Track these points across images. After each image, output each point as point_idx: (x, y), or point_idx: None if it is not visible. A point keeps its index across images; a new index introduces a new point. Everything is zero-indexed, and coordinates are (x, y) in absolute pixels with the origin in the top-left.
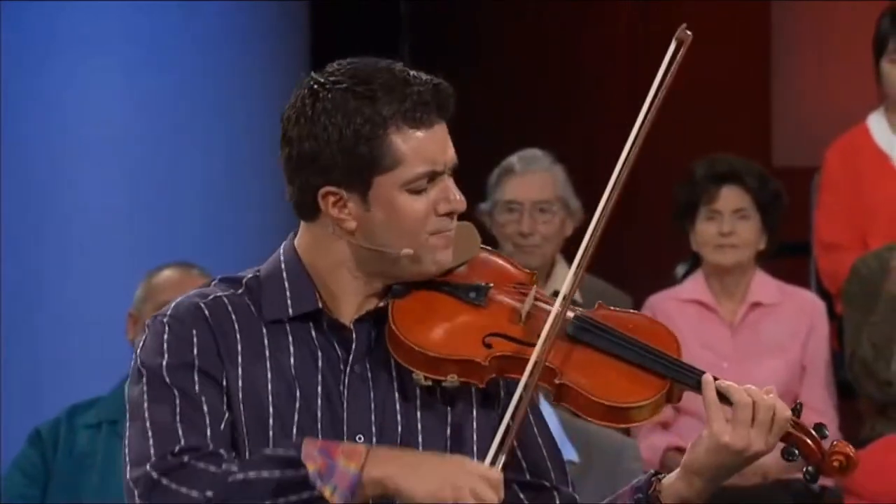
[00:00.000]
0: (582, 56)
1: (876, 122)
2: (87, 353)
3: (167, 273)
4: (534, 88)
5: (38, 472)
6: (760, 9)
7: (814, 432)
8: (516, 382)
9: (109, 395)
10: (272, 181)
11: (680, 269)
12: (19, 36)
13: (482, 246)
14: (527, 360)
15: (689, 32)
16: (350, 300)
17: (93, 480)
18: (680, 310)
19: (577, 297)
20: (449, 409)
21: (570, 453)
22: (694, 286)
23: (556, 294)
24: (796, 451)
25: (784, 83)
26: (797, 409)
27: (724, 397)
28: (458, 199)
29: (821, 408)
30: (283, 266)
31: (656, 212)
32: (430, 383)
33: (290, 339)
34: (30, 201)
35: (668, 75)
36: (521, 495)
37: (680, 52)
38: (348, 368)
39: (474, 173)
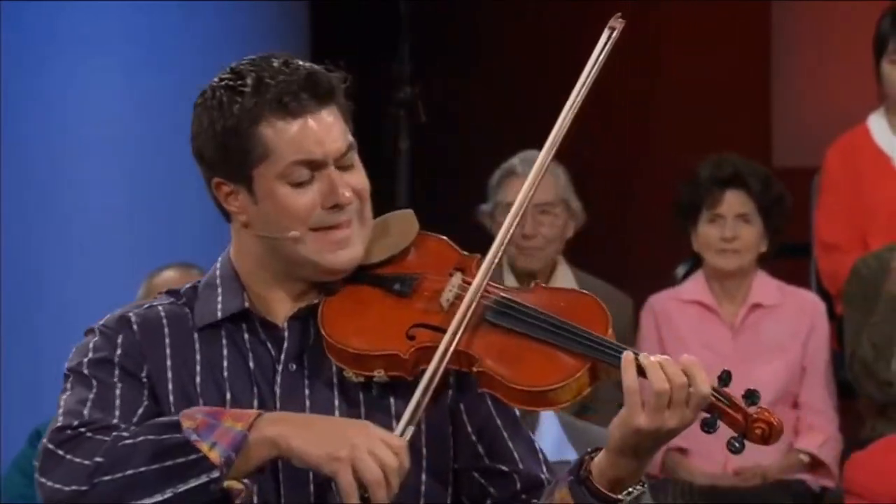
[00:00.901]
0: (582, 56)
1: (876, 123)
2: None
3: (167, 273)
4: (535, 88)
5: None
6: (760, 9)
7: (739, 401)
8: (460, 371)
9: None
10: None
11: (680, 270)
12: (19, 36)
13: (424, 232)
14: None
15: (622, 20)
16: (281, 299)
17: None
18: (681, 310)
19: None
20: (392, 401)
21: (570, 454)
22: (695, 287)
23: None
24: (718, 423)
25: (784, 83)
26: (724, 379)
27: (642, 374)
28: (345, 193)
29: (821, 408)
30: (217, 273)
31: (656, 212)
32: (361, 380)
33: (224, 342)
34: (30, 201)
35: (598, 63)
36: (482, 481)
37: (611, 40)
38: (281, 367)
39: (475, 174)
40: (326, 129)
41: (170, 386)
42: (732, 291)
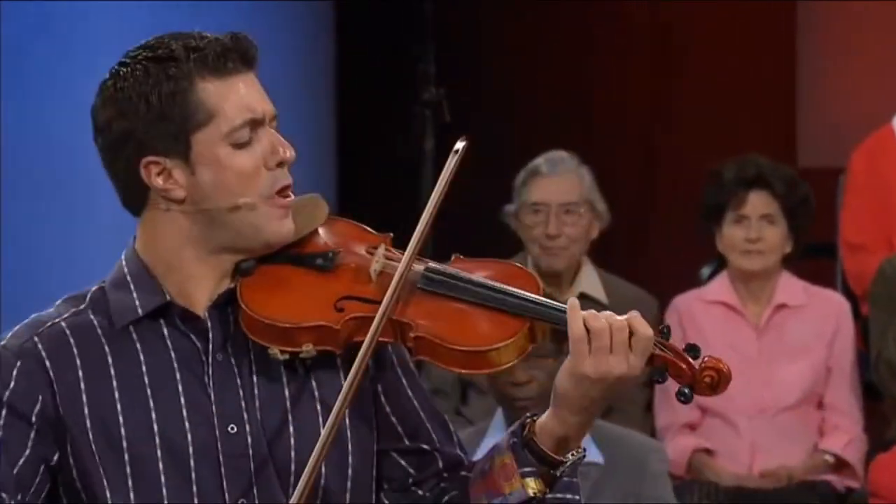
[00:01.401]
0: (604, 56)
1: None
2: None
3: None
4: (560, 88)
5: None
6: (786, 9)
7: (684, 352)
8: (388, 344)
9: None
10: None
11: (705, 271)
12: (42, 35)
13: (331, 216)
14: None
15: (464, 143)
16: (201, 287)
17: None
18: (705, 311)
19: (604, 298)
20: (314, 382)
21: (594, 455)
22: (719, 288)
23: (582, 296)
24: (666, 373)
25: (809, 84)
26: (665, 332)
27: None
28: (287, 151)
29: (846, 409)
30: (125, 270)
31: (681, 212)
32: (286, 357)
33: (139, 345)
34: (46, 203)
35: (446, 184)
36: (402, 461)
37: (455, 162)
38: (210, 358)
39: (500, 174)
40: (258, 90)
41: (84, 396)
42: (757, 292)
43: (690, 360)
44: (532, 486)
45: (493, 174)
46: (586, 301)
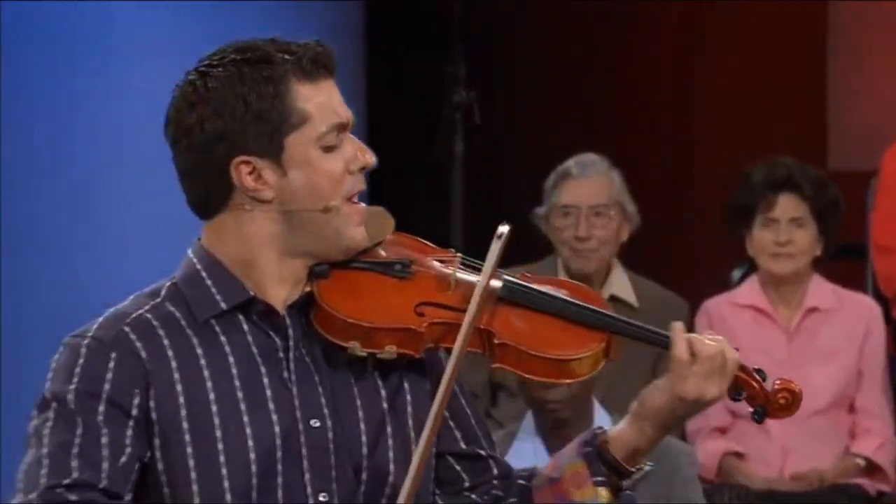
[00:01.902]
0: (635, 57)
1: None
2: None
3: None
4: (590, 89)
5: None
6: (817, 9)
7: (755, 374)
8: (446, 351)
9: None
10: None
11: (736, 273)
12: (72, 38)
13: (396, 232)
14: (460, 325)
15: (507, 228)
16: (276, 287)
17: None
18: (736, 315)
19: (635, 301)
20: (380, 383)
21: None
22: (750, 291)
23: (612, 298)
24: (743, 392)
25: (840, 85)
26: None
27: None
28: (369, 155)
29: (877, 412)
30: (198, 266)
31: (712, 214)
32: (365, 354)
33: (223, 337)
34: (67, 208)
35: (492, 272)
36: (458, 467)
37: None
38: (290, 354)
39: (531, 176)
40: (340, 96)
41: (178, 386)
42: (788, 296)
43: (763, 382)
44: (603, 494)
45: (523, 176)
46: (616, 304)
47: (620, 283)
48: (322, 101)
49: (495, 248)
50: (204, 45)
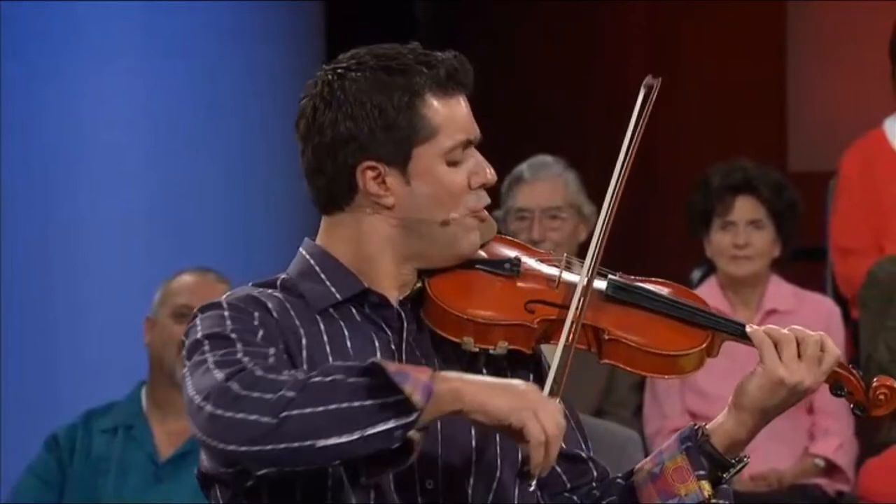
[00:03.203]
0: (598, 58)
1: (892, 127)
2: (103, 358)
3: (183, 277)
4: (551, 92)
5: (54, 476)
6: (775, 10)
7: (854, 370)
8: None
9: (125, 401)
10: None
11: (696, 274)
12: (36, 38)
13: (498, 235)
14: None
15: (658, 78)
16: (390, 287)
17: (108, 485)
18: None
19: None
20: (511, 374)
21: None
22: (708, 293)
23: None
24: (844, 387)
25: (799, 87)
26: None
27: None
28: (490, 173)
29: (836, 412)
30: (311, 261)
31: (672, 215)
32: (478, 349)
33: (341, 323)
34: (46, 206)
35: (642, 123)
36: (559, 468)
37: (650, 99)
38: (404, 345)
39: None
40: (470, 111)
41: (304, 365)
42: (747, 297)
43: (862, 379)
44: (707, 487)
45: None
46: None
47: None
48: (453, 116)
49: (641, 103)
50: (171, 44)
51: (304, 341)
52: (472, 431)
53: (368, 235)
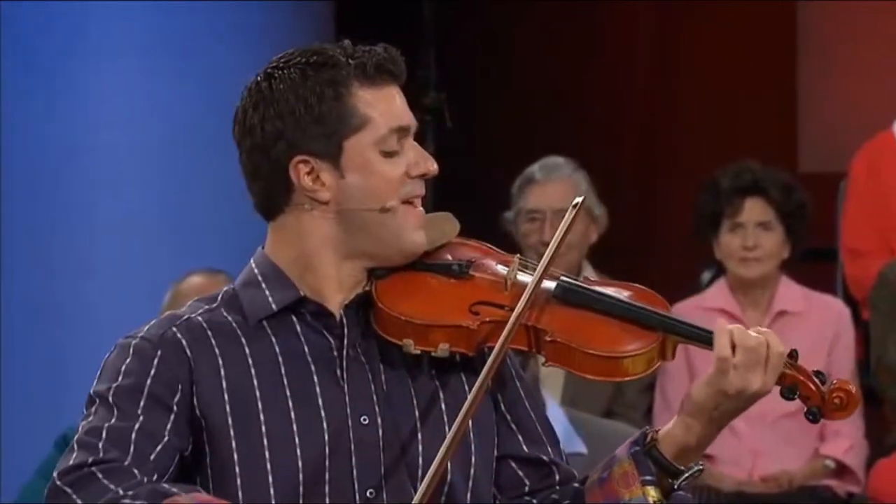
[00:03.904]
0: (604, 58)
1: None
2: None
3: (194, 279)
4: (560, 94)
5: None
6: (785, 10)
7: (812, 375)
8: (521, 351)
9: None
10: None
11: (706, 275)
12: (42, 38)
13: (460, 237)
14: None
15: (581, 198)
16: (334, 288)
17: None
18: (705, 319)
19: None
20: (438, 382)
21: (578, 446)
22: (718, 295)
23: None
24: (796, 392)
25: (810, 87)
26: (794, 354)
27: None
28: (430, 163)
29: None
30: (256, 271)
31: (681, 216)
32: (418, 352)
33: (274, 339)
34: (49, 206)
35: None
36: (520, 472)
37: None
38: (344, 352)
39: (501, 180)
40: (404, 101)
41: (223, 384)
42: (756, 299)
43: (820, 384)
44: (652, 493)
45: (495, 179)
46: None
47: None
48: (383, 106)
49: (568, 218)
50: (177, 44)
51: (222, 372)
52: (419, 436)
53: (308, 234)
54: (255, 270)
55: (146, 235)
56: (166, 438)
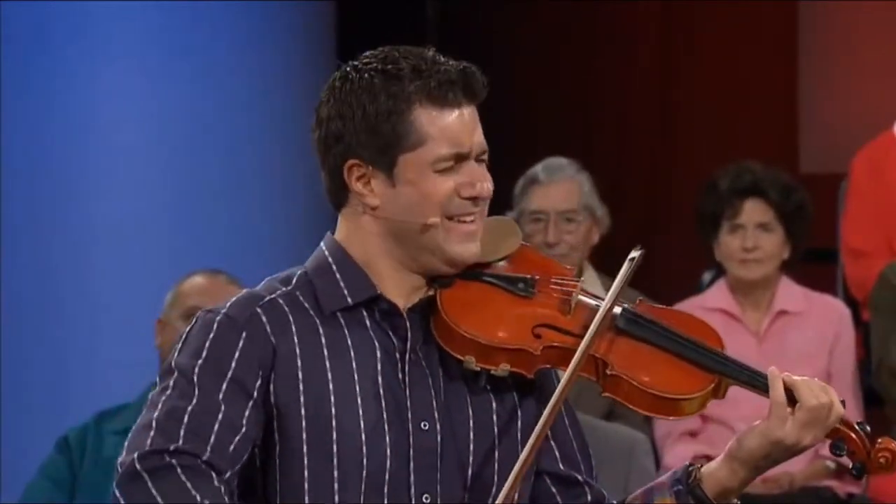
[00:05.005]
0: (607, 59)
1: None
2: (114, 359)
3: (194, 279)
4: (565, 94)
5: (65, 478)
6: (787, 11)
7: (858, 428)
8: (556, 375)
9: (137, 402)
10: (302, 183)
11: (707, 276)
12: (43, 39)
13: (523, 243)
14: (575, 351)
15: (640, 251)
16: (398, 289)
17: None
18: (705, 319)
19: None
20: (493, 397)
21: None
22: (719, 295)
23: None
24: (844, 446)
25: (811, 88)
26: (842, 405)
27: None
28: (485, 186)
29: (848, 415)
30: (329, 259)
31: (683, 217)
32: (479, 369)
33: (346, 330)
34: (51, 206)
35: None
36: (553, 489)
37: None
38: (407, 356)
39: (504, 180)
40: (474, 124)
41: (300, 373)
42: (757, 299)
43: (865, 438)
44: None
45: (498, 179)
46: None
47: (593, 288)
48: (443, 128)
49: (624, 272)
50: (180, 44)
51: (299, 362)
52: (472, 446)
53: (366, 235)
54: (329, 259)
55: (146, 235)
56: (244, 429)
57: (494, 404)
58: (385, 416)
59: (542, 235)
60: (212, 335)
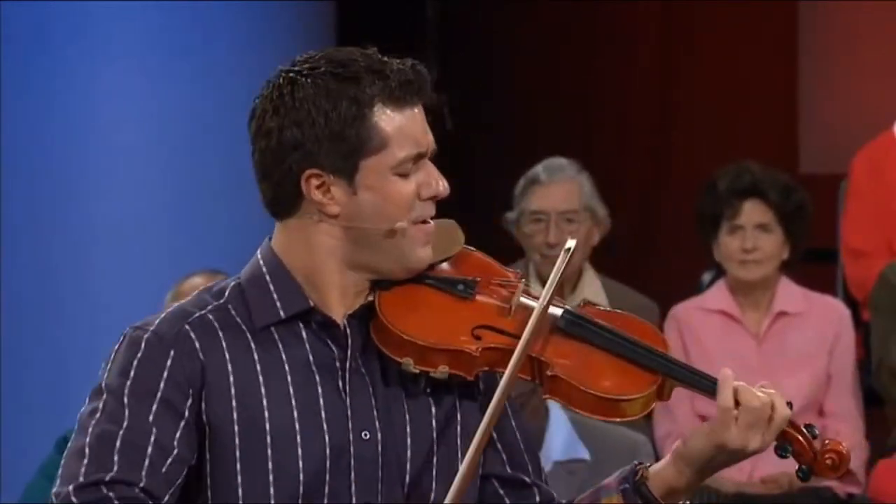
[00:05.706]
0: (607, 59)
1: None
2: None
3: (195, 280)
4: (563, 94)
5: None
6: (787, 11)
7: (805, 431)
8: (499, 377)
9: None
10: None
11: (706, 276)
12: (43, 39)
13: (465, 246)
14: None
15: (574, 242)
16: (338, 297)
17: None
18: (704, 320)
19: (607, 305)
20: (432, 401)
21: (582, 452)
22: (718, 296)
23: (585, 303)
24: (789, 448)
25: (811, 88)
26: (790, 406)
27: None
28: (441, 184)
29: (847, 415)
30: (264, 269)
31: (683, 217)
32: (418, 371)
33: (280, 344)
34: (51, 206)
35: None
36: (501, 491)
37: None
38: (347, 364)
39: (502, 181)
40: (424, 122)
41: (232, 389)
42: (756, 300)
43: (812, 440)
44: None
45: (496, 180)
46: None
47: (592, 288)
48: (404, 128)
49: (559, 264)
50: (179, 44)
51: (231, 378)
52: (409, 453)
53: (315, 244)
54: (263, 269)
55: (146, 236)
56: (176, 451)
57: (433, 408)
58: (325, 426)
59: (542, 236)
60: (139, 354)
